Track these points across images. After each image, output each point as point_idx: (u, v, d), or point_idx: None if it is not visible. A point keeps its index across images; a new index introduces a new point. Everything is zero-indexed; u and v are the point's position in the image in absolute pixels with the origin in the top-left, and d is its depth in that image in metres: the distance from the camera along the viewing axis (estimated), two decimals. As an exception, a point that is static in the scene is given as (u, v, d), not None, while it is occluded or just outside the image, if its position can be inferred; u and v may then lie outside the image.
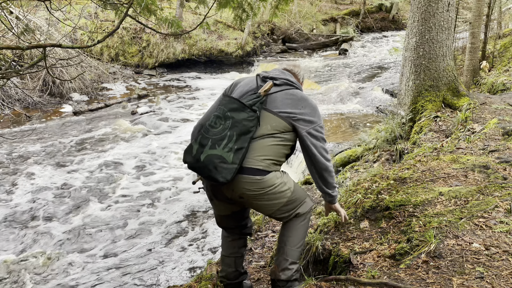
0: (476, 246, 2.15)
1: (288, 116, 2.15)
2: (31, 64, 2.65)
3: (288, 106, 2.17)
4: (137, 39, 14.47)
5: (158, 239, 5.28)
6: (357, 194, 3.24)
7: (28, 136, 8.71)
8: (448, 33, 5.62)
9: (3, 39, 9.09)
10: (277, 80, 2.24)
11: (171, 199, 6.32)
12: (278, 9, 5.71)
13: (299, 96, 2.25)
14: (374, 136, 5.93)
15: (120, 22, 2.67)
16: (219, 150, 2.00)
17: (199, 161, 2.04)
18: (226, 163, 1.98)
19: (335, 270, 2.57)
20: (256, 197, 2.13)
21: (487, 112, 5.18)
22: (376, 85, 10.42)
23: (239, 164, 2.01)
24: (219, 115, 2.08)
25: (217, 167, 1.98)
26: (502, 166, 3.19)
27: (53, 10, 4.14)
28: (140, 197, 6.39)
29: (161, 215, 5.87)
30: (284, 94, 2.21)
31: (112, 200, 6.29)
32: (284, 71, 2.38)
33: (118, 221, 5.71)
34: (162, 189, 6.64)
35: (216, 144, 2.01)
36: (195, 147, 2.08)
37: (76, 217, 5.82)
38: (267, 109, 2.15)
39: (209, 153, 2.01)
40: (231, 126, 2.02)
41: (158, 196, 6.43)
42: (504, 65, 8.71)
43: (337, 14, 19.40)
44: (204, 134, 2.07)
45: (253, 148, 2.07)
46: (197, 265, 4.73)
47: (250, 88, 2.22)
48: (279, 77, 2.27)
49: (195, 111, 10.86)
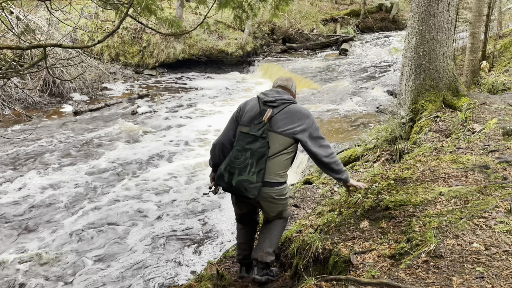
0: (476, 246, 2.15)
1: (289, 132, 2.76)
2: (31, 64, 2.65)
3: (287, 123, 2.77)
4: (138, 39, 14.48)
5: (158, 239, 5.28)
6: (357, 194, 3.24)
7: (28, 136, 8.71)
8: (448, 33, 5.62)
9: (3, 39, 9.09)
10: (275, 103, 2.81)
11: (171, 199, 6.32)
12: (278, 9, 5.71)
13: (294, 111, 2.81)
14: (374, 136, 5.93)
15: (121, 22, 2.67)
16: (245, 175, 2.67)
17: (231, 185, 2.73)
18: (252, 184, 2.67)
19: (335, 270, 2.57)
20: (270, 202, 2.85)
21: (487, 112, 5.17)
22: (376, 85, 10.42)
23: (261, 181, 2.70)
24: (240, 149, 2.72)
25: (246, 188, 2.68)
26: (502, 166, 3.19)
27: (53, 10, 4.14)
28: (141, 196, 6.40)
29: (161, 214, 5.87)
30: (283, 113, 2.79)
31: (112, 200, 6.29)
32: (278, 90, 2.92)
33: (118, 221, 5.71)
34: (163, 189, 6.64)
35: (242, 171, 2.68)
36: (226, 175, 2.74)
37: (75, 217, 5.82)
38: (272, 130, 2.76)
39: (238, 179, 2.68)
40: (251, 156, 2.67)
41: (159, 195, 6.43)
42: (504, 65, 8.71)
43: (337, 14, 19.40)
44: (231, 164, 2.72)
45: (269, 166, 2.75)
46: (197, 265, 4.73)
47: (255, 113, 2.83)
48: (275, 99, 2.82)
49: (195, 111, 10.86)
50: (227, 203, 6.14)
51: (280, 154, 2.77)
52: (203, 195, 4.73)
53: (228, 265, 3.83)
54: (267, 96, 2.85)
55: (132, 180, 6.91)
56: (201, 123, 9.79)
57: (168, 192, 6.55)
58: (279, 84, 3.01)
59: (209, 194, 3.12)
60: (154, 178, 7.03)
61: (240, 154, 2.70)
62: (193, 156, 7.89)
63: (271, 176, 2.76)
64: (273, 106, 2.79)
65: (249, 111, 2.86)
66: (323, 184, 5.33)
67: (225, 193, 3.19)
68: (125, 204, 6.17)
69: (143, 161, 7.70)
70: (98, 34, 13.38)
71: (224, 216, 5.79)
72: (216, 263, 3.69)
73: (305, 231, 3.38)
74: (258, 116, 2.79)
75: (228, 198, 6.22)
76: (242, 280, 3.32)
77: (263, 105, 2.82)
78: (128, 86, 13.11)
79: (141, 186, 6.72)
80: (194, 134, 9.03)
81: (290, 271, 3.20)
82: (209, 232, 5.42)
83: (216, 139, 3.01)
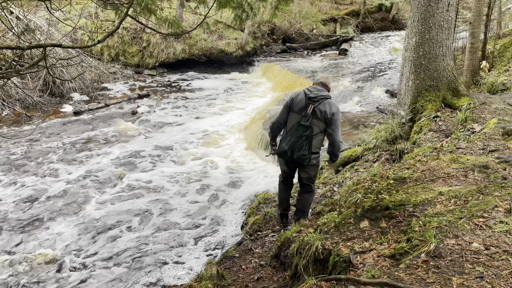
0: (476, 246, 2.15)
1: (325, 120, 3.91)
2: (31, 64, 2.65)
3: (324, 113, 3.90)
4: (138, 39, 14.47)
5: (158, 238, 5.28)
6: (357, 194, 3.24)
7: (28, 135, 8.71)
8: (448, 33, 5.62)
9: (3, 39, 9.10)
10: (316, 99, 3.94)
11: (171, 199, 6.32)
12: (278, 9, 5.71)
13: (329, 105, 3.95)
14: (374, 136, 5.93)
15: (120, 22, 2.67)
16: (302, 151, 3.94)
17: (293, 158, 3.99)
18: (306, 156, 3.95)
19: (335, 270, 2.57)
20: (312, 165, 4.06)
21: (487, 112, 5.18)
22: (376, 85, 10.42)
23: (310, 153, 3.96)
24: (299, 136, 3.93)
25: (303, 159, 3.97)
26: (502, 166, 3.19)
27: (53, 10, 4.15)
28: (140, 196, 6.40)
29: (162, 214, 5.87)
30: (321, 106, 3.92)
31: (112, 200, 6.29)
32: (319, 88, 4.04)
33: (118, 221, 5.71)
34: (162, 188, 6.64)
35: (300, 150, 3.94)
36: (289, 152, 3.98)
37: (75, 217, 5.82)
38: (315, 118, 3.91)
39: (298, 154, 3.96)
40: (305, 139, 3.93)
41: (158, 195, 6.43)
42: (504, 65, 8.71)
43: (337, 14, 19.40)
44: (293, 146, 3.95)
45: (313, 143, 3.96)
46: (197, 264, 4.73)
47: (303, 105, 3.96)
48: (317, 96, 3.95)
49: (195, 111, 10.86)
50: (227, 204, 6.15)
51: (319, 134, 3.95)
52: (265, 156, 6.20)
53: (228, 265, 3.83)
54: (311, 93, 3.97)
55: (132, 180, 6.91)
56: (201, 123, 9.79)
57: (168, 192, 6.55)
58: (320, 81, 4.13)
59: (270, 156, 5.13)
60: (154, 177, 7.03)
61: (299, 139, 3.93)
62: (193, 156, 7.89)
63: (313, 149, 3.98)
64: (314, 101, 3.92)
65: (299, 102, 3.98)
66: (323, 184, 5.33)
67: None
68: (125, 203, 6.17)
69: (143, 160, 7.70)
70: (98, 34, 13.38)
71: (224, 216, 5.80)
72: (216, 263, 3.69)
73: (305, 231, 3.38)
74: (304, 108, 3.94)
75: (227, 202, 6.25)
76: (242, 280, 3.32)
77: (308, 100, 3.94)
78: (128, 86, 13.11)
79: (141, 186, 6.72)
80: (194, 134, 9.03)
81: (290, 271, 3.20)
82: (209, 232, 5.42)
83: (275, 119, 4.18)
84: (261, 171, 7.11)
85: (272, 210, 4.84)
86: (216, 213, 5.89)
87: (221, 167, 7.39)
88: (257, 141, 7.89)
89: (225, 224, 5.57)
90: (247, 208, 5.59)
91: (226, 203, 6.15)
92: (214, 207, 6.05)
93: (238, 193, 6.42)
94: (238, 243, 4.42)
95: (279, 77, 13.06)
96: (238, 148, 8.17)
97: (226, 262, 3.90)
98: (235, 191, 6.52)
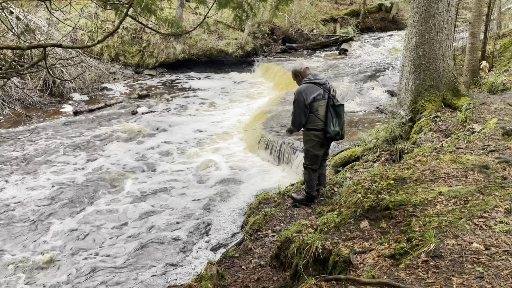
0: (476, 246, 2.15)
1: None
2: (31, 64, 2.65)
3: (335, 91, 4.70)
4: (137, 39, 14.47)
5: (158, 238, 5.28)
6: (357, 194, 3.24)
7: (28, 136, 8.71)
8: (448, 33, 5.62)
9: (3, 39, 9.10)
10: (323, 81, 4.55)
11: (171, 199, 6.32)
12: (278, 9, 5.71)
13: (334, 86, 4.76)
14: (374, 136, 5.93)
15: (120, 22, 2.68)
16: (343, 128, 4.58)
17: (343, 135, 4.65)
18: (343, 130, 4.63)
19: (335, 270, 2.57)
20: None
21: (487, 112, 5.17)
22: (376, 85, 10.43)
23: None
24: (342, 116, 4.57)
25: (343, 134, 4.66)
26: (502, 166, 3.19)
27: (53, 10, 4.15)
28: (140, 196, 6.40)
29: (161, 214, 5.87)
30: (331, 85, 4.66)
31: (112, 200, 6.29)
32: (313, 73, 4.66)
33: (118, 221, 5.72)
34: (162, 188, 6.64)
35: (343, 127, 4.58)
36: (340, 132, 4.55)
37: (75, 217, 5.82)
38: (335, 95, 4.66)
39: (343, 131, 4.61)
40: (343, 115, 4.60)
41: (158, 195, 6.43)
42: (504, 65, 8.71)
43: (337, 14, 19.40)
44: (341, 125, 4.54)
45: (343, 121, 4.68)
46: (197, 264, 4.73)
47: (320, 91, 4.49)
48: (323, 79, 4.57)
49: (195, 110, 10.86)
50: (227, 204, 6.15)
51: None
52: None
53: (228, 265, 3.83)
54: (321, 80, 4.52)
55: (132, 179, 6.91)
56: (201, 123, 9.79)
57: (167, 192, 6.55)
58: (307, 67, 4.72)
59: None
60: (154, 177, 7.03)
61: (340, 119, 4.52)
62: (192, 156, 7.89)
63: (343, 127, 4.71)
64: (326, 83, 4.54)
65: (314, 92, 4.46)
66: (323, 184, 5.33)
67: None
68: (124, 203, 6.17)
69: (143, 160, 7.70)
70: (98, 34, 13.37)
71: (224, 216, 5.80)
72: (216, 263, 3.69)
73: (305, 231, 3.38)
74: (323, 92, 4.47)
75: (227, 202, 6.25)
76: (242, 280, 3.32)
77: (321, 86, 4.48)
78: (128, 86, 13.11)
79: (141, 186, 6.72)
80: (194, 134, 9.03)
81: (290, 271, 3.20)
82: (209, 232, 5.42)
83: (296, 123, 4.57)
84: (261, 171, 7.12)
85: (272, 210, 4.84)
86: (216, 213, 5.89)
87: (221, 167, 7.40)
88: (257, 142, 7.89)
89: (225, 224, 5.57)
90: (247, 208, 5.59)
91: (226, 203, 6.15)
92: (214, 207, 6.05)
93: (238, 193, 6.42)
94: (238, 243, 4.42)
95: (279, 77, 13.06)
96: (238, 148, 8.17)
97: (226, 262, 3.90)
98: (235, 191, 6.52)
